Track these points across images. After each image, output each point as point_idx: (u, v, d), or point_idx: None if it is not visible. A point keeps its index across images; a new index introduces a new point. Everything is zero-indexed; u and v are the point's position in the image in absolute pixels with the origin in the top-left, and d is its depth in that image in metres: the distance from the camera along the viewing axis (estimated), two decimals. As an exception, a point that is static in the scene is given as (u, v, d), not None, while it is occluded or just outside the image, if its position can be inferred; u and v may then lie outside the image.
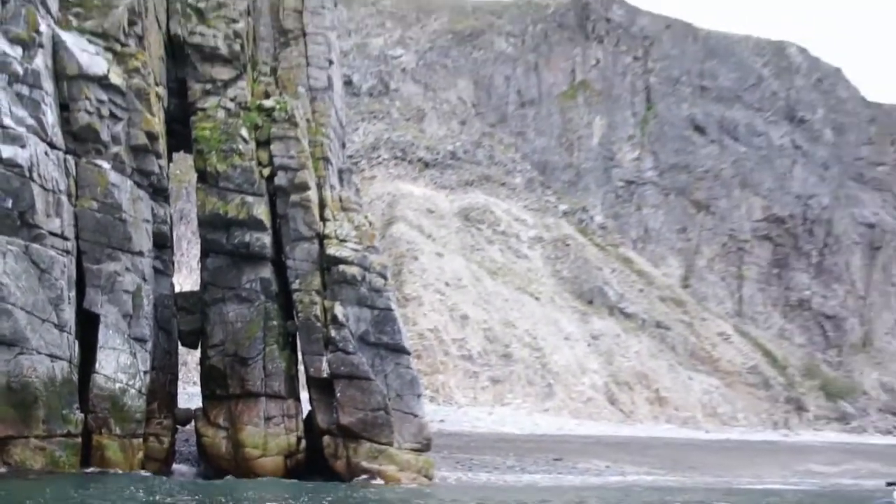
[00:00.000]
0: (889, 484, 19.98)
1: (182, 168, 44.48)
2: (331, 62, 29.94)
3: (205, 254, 27.86)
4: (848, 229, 75.13)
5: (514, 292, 57.80)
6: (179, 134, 28.66)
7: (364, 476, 25.38)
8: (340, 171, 30.38)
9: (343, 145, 32.54)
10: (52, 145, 22.41)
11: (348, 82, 62.37)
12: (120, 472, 22.94)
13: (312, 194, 27.27)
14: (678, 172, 71.74)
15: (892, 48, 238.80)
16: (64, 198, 22.50)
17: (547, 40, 73.94)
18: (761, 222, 72.68)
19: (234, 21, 28.52)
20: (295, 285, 26.78)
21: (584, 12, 74.98)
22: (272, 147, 27.34)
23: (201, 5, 28.47)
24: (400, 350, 26.93)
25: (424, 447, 26.59)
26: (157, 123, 25.89)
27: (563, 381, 53.52)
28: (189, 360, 37.80)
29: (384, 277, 27.34)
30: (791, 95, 79.22)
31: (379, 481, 25.09)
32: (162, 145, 26.36)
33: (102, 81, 23.91)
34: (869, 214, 76.86)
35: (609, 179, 70.42)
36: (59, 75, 23.22)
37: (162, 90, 27.39)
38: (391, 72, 70.04)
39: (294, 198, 26.99)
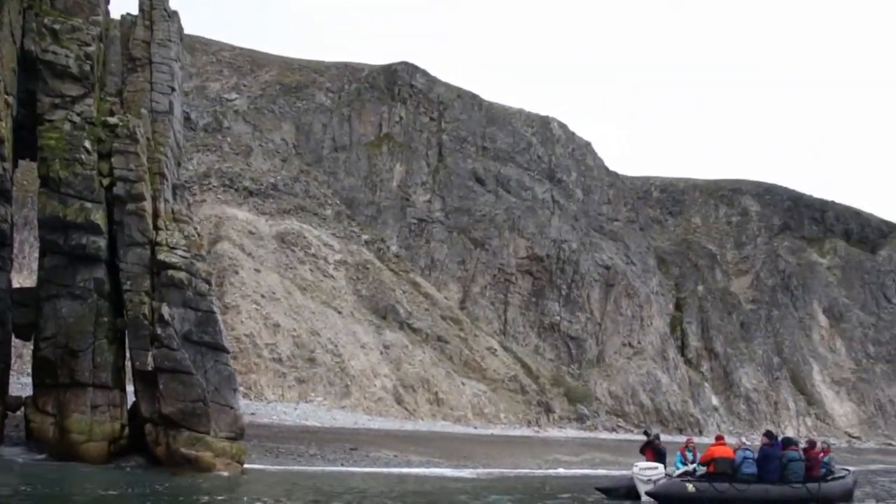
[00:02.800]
0: (642, 449, 19.47)
1: (29, 179, 40.69)
2: (173, 89, 27.49)
3: (43, 253, 24.93)
4: (590, 269, 76.60)
5: (320, 306, 55.87)
6: (26, 141, 25.56)
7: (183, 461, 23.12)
8: (174, 187, 27.90)
9: (179, 164, 29.99)
10: None
11: (187, 118, 59.13)
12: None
13: (147, 205, 24.82)
14: (461, 215, 71.45)
15: (628, 132, 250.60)
16: None
17: (360, 98, 72.61)
18: (524, 259, 73.13)
19: (87, 44, 25.78)
20: (126, 286, 24.26)
21: (392, 78, 74.13)
22: (113, 160, 24.71)
23: (56, 27, 25.62)
24: (219, 348, 24.80)
25: (238, 436, 24.55)
26: (4, 129, 22.90)
27: (359, 382, 51.93)
28: (24, 353, 34.17)
29: (208, 283, 25.15)
30: (552, 160, 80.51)
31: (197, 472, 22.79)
32: (8, 150, 23.35)
33: (-49, 86, 20.80)
34: (606, 259, 78.67)
35: (404, 216, 69.39)
36: None
37: (11, 99, 24.32)
38: (225, 112, 66.97)
39: (130, 207, 24.47)
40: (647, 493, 17.20)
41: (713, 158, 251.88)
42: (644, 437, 20.39)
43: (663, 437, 56.03)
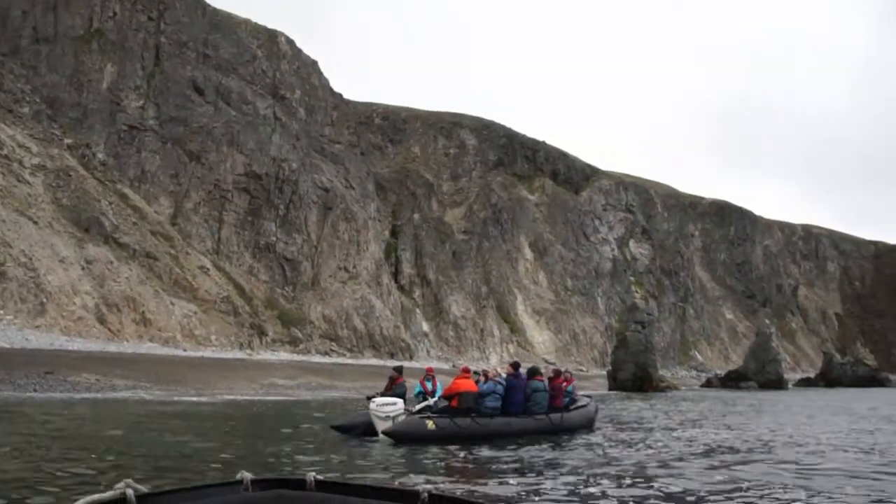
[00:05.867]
0: (369, 398, 18.46)
1: None
2: None
3: None
4: (309, 191, 75.37)
5: (13, 214, 50.36)
6: None
7: None
8: None
9: None
10: None
11: None
12: None
13: None
14: (177, 125, 67.18)
15: (354, 55, 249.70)
16: None
17: (68, -15, 65.58)
18: (242, 176, 70.42)
19: None
20: None
21: (105, -32, 67.52)
22: None
23: None
24: None
25: None
26: None
27: (56, 300, 47.58)
28: None
29: None
30: (277, 76, 77.79)
31: None
32: None
33: None
34: (326, 181, 77.73)
35: (114, 122, 64.05)
36: None
37: None
38: None
39: None
40: (384, 433, 16.24)
41: (435, 91, 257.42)
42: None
43: (375, 362, 56.57)
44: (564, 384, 19.61)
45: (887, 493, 9.97)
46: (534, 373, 18.44)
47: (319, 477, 3.15)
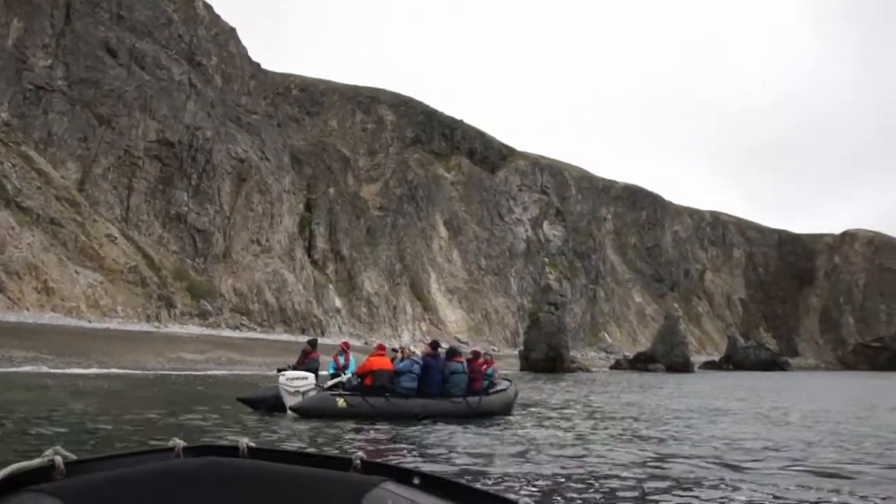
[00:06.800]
0: (279, 370, 18.06)
1: None
2: None
3: None
4: (223, 161, 73.95)
5: None
6: None
7: None
8: None
9: None
10: None
11: None
12: None
13: None
14: (87, 87, 64.88)
15: (273, 28, 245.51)
16: None
17: (-24, -63, 62.56)
18: (154, 143, 68.56)
19: None
20: None
21: (13, -81, 64.58)
22: None
23: None
24: None
25: None
26: None
27: (-47, 264, 45.70)
28: None
29: None
30: (193, 41, 75.87)
31: None
32: None
33: None
34: (241, 151, 76.42)
35: (20, 81, 61.50)
36: None
37: None
38: None
39: None
40: (292, 409, 15.84)
41: (354, 64, 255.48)
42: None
43: (286, 337, 55.99)
44: (484, 367, 19.09)
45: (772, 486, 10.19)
46: (453, 354, 17.95)
47: (252, 444, 3.12)
